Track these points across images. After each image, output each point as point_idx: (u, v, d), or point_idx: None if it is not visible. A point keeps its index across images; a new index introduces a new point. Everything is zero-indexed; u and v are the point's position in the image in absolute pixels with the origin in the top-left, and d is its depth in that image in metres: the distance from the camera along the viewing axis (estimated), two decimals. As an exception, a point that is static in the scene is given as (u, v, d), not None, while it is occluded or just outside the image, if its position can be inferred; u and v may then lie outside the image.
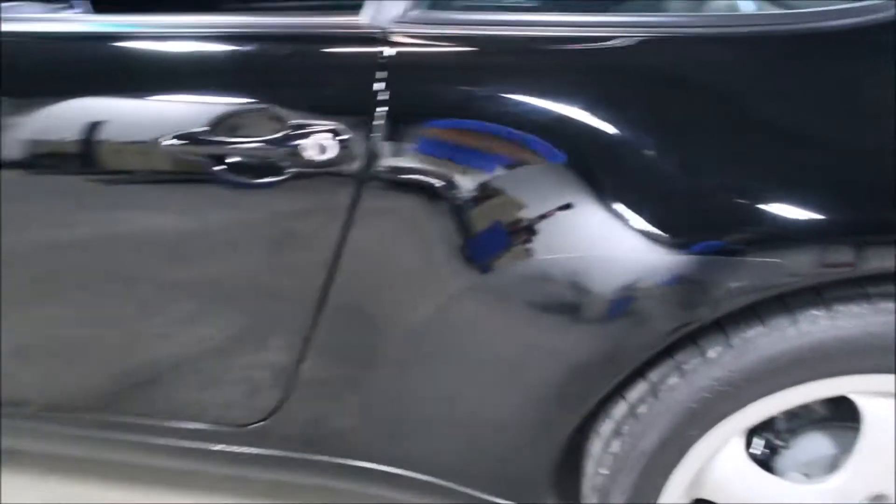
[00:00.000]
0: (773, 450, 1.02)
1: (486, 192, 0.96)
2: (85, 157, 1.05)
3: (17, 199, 1.09)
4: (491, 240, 0.97)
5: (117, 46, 1.10)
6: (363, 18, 1.00)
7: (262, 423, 1.18)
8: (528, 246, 0.95)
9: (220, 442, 1.22)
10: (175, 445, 1.24)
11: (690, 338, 0.94)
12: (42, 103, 1.06)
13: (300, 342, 1.10)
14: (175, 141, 1.00)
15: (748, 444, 1.00)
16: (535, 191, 0.94)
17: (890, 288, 0.89)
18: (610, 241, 0.91)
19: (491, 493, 1.11)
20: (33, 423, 1.30)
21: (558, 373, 0.99)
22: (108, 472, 1.55)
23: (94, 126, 1.03)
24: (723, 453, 0.98)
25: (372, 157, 0.97)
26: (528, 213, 0.94)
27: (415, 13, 1.00)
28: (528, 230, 0.95)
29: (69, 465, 1.56)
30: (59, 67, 1.10)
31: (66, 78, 1.08)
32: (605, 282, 0.92)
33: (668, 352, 0.96)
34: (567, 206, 0.93)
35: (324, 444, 1.18)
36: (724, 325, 0.93)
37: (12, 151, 1.06)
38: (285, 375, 1.13)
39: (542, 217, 0.94)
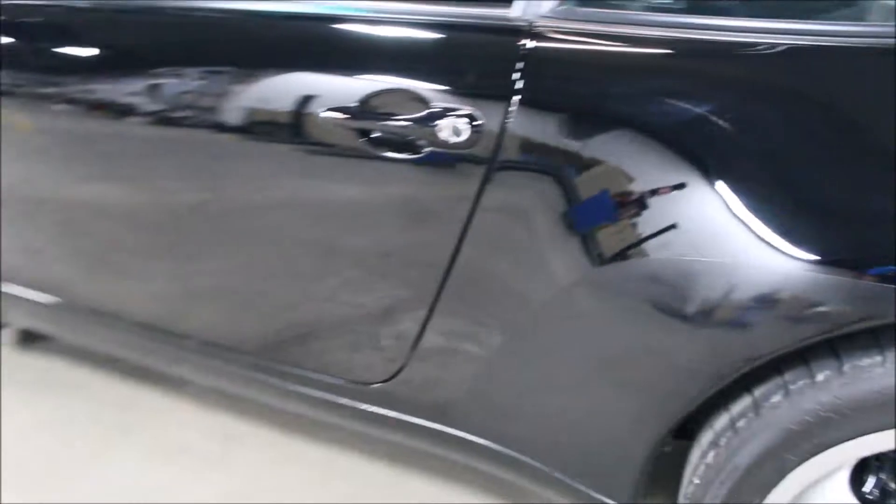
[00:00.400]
0: (885, 492, 0.96)
1: (609, 188, 0.98)
2: (280, 126, 1.18)
3: (222, 158, 1.25)
4: (612, 234, 0.99)
5: (298, 26, 1.22)
6: (513, 11, 1.05)
7: (383, 384, 1.27)
8: (654, 244, 0.95)
9: (347, 397, 1.33)
10: (311, 395, 1.37)
11: (802, 358, 0.91)
12: (259, 76, 1.20)
13: (425, 313, 1.17)
14: (334, 114, 1.10)
15: (858, 481, 0.95)
16: (662, 192, 0.95)
17: None
18: (745, 248, 0.90)
19: (579, 482, 1.13)
20: (198, 357, 1.48)
21: (660, 371, 0.99)
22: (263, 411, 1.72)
23: (290, 98, 1.15)
24: (826, 485, 0.94)
25: (502, 143, 1.02)
26: (651, 213, 0.95)
27: (563, 9, 1.03)
28: (652, 228, 0.95)
29: (230, 400, 1.75)
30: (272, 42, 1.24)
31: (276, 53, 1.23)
32: (733, 288, 0.90)
33: (776, 369, 0.93)
34: (698, 210, 0.92)
35: (435, 411, 1.25)
36: (839, 349, 0.89)
37: (230, 117, 1.21)
38: (408, 342, 1.21)
39: (667, 218, 0.94)
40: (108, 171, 1.39)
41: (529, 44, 1.02)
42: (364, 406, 1.32)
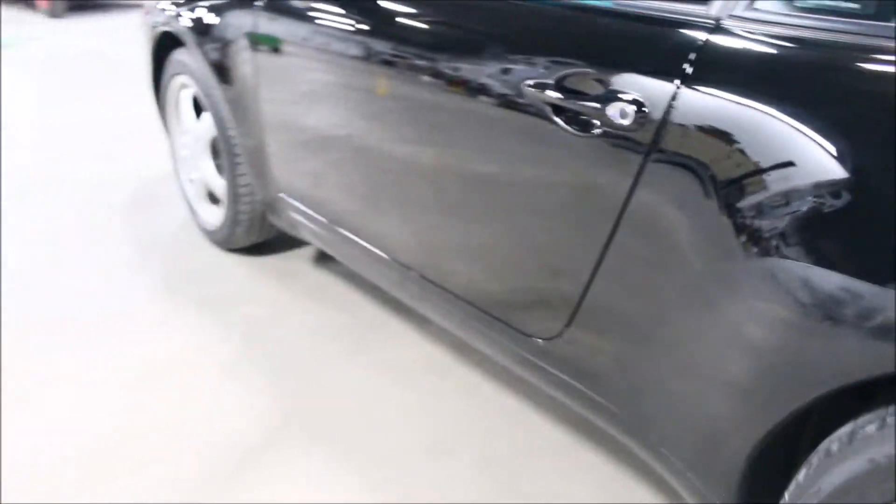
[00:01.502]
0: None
1: (763, 188, 0.98)
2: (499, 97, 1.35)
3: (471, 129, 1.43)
4: (757, 231, 0.99)
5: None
6: (707, 9, 1.09)
7: (546, 341, 1.39)
8: (790, 246, 0.95)
9: (517, 345, 1.47)
10: (489, 335, 1.54)
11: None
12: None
13: (587, 278, 1.26)
14: (532, 88, 1.25)
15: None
16: (809, 198, 0.93)
17: None
18: (867, 265, 0.87)
19: (692, 472, 1.14)
20: (432, 297, 1.70)
21: (766, 373, 0.98)
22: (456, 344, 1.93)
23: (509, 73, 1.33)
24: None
25: (664, 131, 1.08)
26: (794, 219, 0.94)
27: (757, 10, 1.05)
28: (792, 232, 0.95)
29: (460, 347, 1.99)
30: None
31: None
32: (843, 304, 0.88)
33: (885, 399, 0.88)
34: (845, 222, 0.91)
35: (589, 376, 1.34)
36: None
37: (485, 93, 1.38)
38: (571, 307, 1.31)
39: (813, 224, 0.93)
40: (417, 134, 1.58)
41: (707, 38, 1.06)
42: (535, 359, 1.45)
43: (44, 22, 8.37)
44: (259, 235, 2.45)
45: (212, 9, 2.17)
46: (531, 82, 1.25)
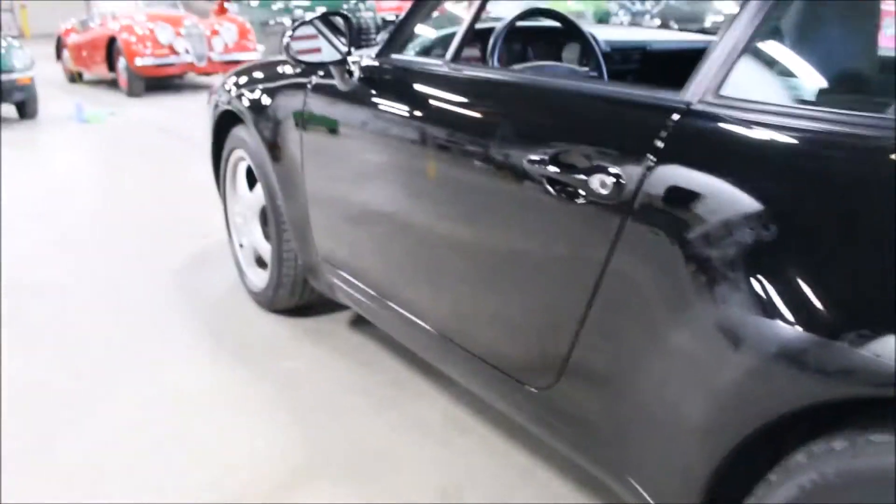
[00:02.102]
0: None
1: (717, 247, 1.11)
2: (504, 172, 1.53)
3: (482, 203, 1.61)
4: (712, 284, 1.11)
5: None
6: (680, 94, 1.25)
7: (539, 391, 1.52)
8: (740, 297, 1.07)
9: (519, 394, 1.59)
10: (487, 379, 1.69)
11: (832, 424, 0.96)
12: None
13: (572, 335, 1.40)
14: (532, 165, 1.42)
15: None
16: (755, 258, 1.06)
17: None
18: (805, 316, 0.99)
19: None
20: (438, 345, 1.86)
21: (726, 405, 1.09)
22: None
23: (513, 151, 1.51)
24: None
25: (637, 200, 1.23)
26: (744, 274, 1.07)
27: (722, 96, 1.20)
28: (742, 287, 1.07)
29: (480, 404, 2.11)
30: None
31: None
32: (775, 344, 1.00)
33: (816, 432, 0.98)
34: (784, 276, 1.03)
35: (574, 422, 1.45)
36: (857, 423, 0.92)
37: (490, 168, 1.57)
38: (559, 362, 1.44)
39: (758, 278, 1.05)
40: (439, 209, 1.75)
41: (679, 120, 1.22)
42: (533, 407, 1.57)
43: (124, 100, 9.01)
44: (300, 298, 2.63)
45: (267, 90, 2.43)
46: (535, 158, 1.42)
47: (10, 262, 3.33)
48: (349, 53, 2.03)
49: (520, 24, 2.39)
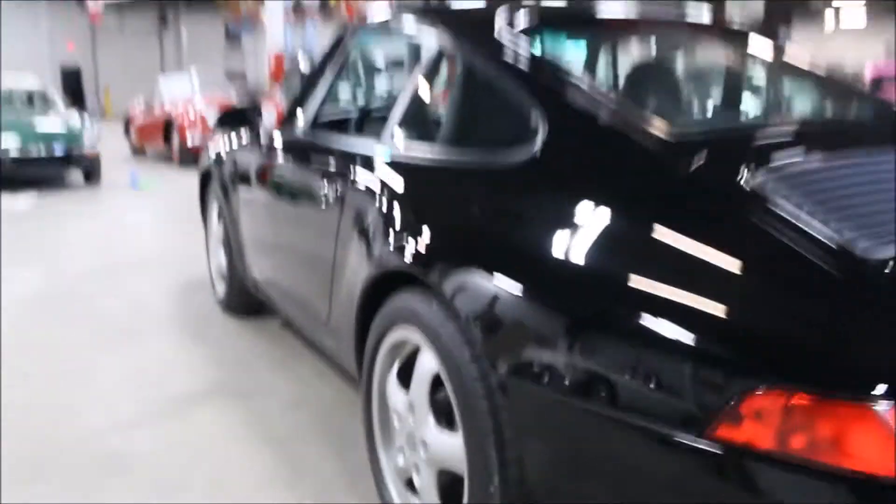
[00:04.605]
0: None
1: (363, 220, 2.21)
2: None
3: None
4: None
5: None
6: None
7: (325, 325, 2.61)
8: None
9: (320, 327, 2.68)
10: (313, 323, 2.77)
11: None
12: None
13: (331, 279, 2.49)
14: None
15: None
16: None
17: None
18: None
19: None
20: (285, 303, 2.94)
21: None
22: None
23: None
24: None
25: (345, 203, 2.35)
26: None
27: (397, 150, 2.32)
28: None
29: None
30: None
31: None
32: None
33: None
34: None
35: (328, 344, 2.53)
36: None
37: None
38: (328, 296, 2.53)
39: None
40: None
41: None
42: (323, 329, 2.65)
43: (175, 171, 10.55)
44: (242, 294, 3.70)
45: (227, 154, 3.61)
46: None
47: (75, 278, 4.59)
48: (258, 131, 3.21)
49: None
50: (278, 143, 3.01)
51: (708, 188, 1.50)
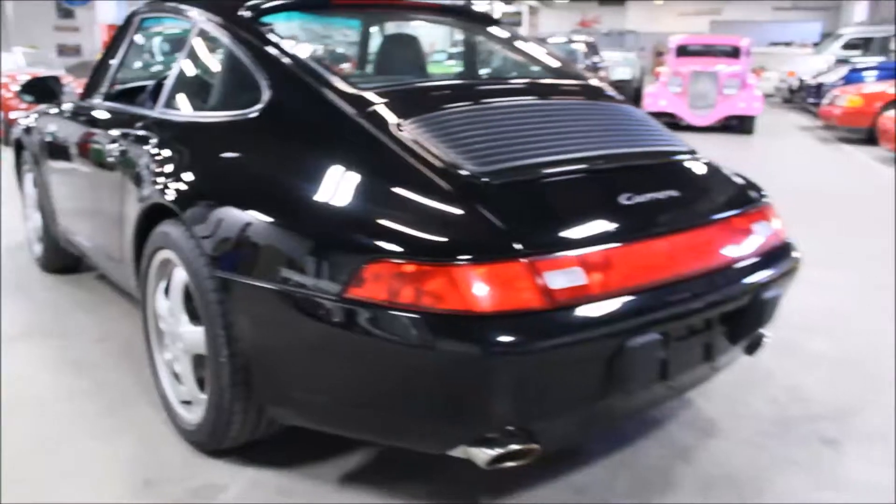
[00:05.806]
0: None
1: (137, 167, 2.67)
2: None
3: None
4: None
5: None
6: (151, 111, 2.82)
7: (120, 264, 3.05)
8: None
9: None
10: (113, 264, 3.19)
11: None
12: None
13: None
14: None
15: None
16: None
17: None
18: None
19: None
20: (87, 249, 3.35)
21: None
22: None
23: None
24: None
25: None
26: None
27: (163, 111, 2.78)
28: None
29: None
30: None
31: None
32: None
33: None
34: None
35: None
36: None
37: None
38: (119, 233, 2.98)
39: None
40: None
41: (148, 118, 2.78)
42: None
43: (4, 149, 10.22)
44: (58, 252, 4.02)
45: (34, 122, 3.90)
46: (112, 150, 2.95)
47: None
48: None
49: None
50: (78, 111, 3.41)
51: (369, 130, 2.09)
